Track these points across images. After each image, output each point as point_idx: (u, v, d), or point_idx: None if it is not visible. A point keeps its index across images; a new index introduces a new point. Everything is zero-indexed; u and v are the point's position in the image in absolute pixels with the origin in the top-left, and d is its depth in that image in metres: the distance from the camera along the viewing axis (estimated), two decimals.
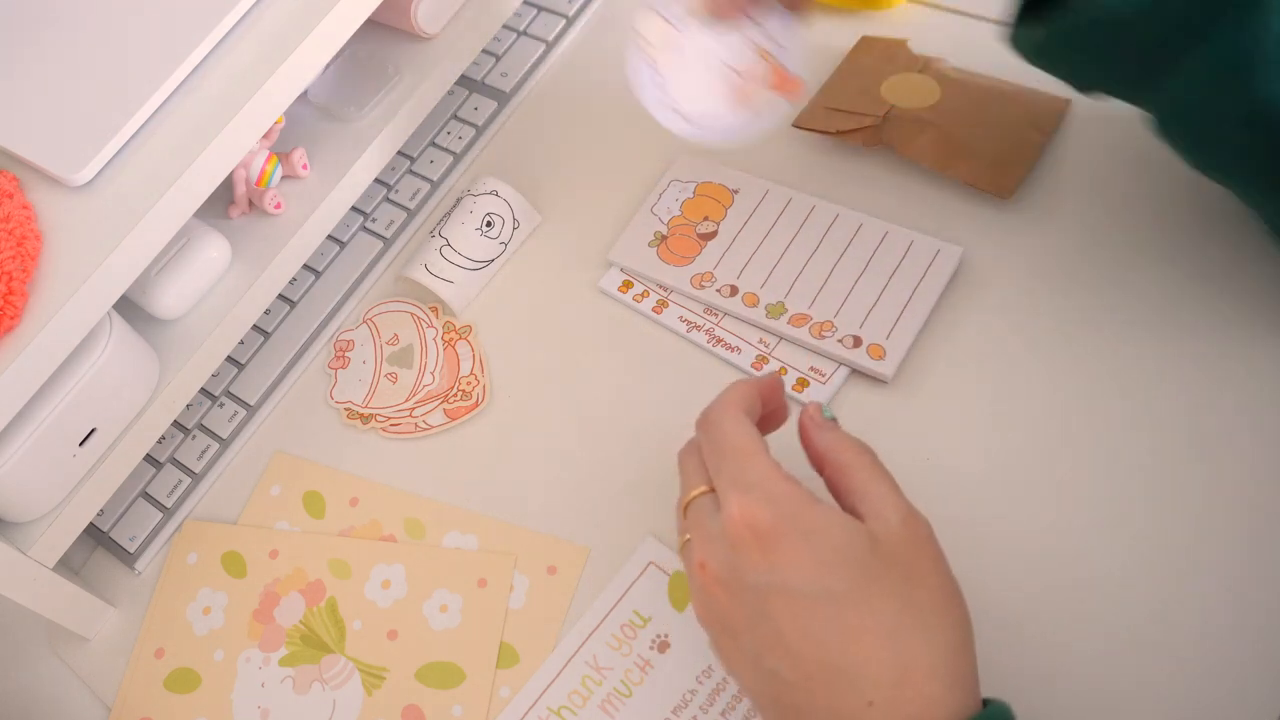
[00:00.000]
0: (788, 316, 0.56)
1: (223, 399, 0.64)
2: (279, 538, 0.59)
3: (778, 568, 0.39)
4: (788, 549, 0.39)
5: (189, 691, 0.56)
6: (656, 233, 0.62)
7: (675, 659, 0.49)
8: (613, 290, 0.61)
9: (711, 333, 0.58)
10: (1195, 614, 0.45)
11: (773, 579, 0.39)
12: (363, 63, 0.68)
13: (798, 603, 0.38)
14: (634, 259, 0.61)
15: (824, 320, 0.56)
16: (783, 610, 0.39)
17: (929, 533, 0.41)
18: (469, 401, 0.60)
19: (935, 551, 0.40)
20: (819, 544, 0.39)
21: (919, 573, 0.39)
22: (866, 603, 0.38)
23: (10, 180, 0.54)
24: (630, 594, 0.51)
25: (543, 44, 0.73)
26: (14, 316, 0.49)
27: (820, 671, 0.38)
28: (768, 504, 0.40)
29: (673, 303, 0.59)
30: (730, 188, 0.62)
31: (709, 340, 0.58)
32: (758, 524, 0.39)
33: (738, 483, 0.41)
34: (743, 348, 0.57)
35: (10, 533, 0.55)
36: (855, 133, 0.60)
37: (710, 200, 0.62)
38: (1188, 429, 0.49)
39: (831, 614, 0.38)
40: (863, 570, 0.38)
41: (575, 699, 0.50)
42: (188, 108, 0.54)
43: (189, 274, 0.60)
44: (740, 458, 0.42)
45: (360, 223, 0.69)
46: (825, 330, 0.55)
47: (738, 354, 0.57)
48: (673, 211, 0.62)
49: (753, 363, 0.56)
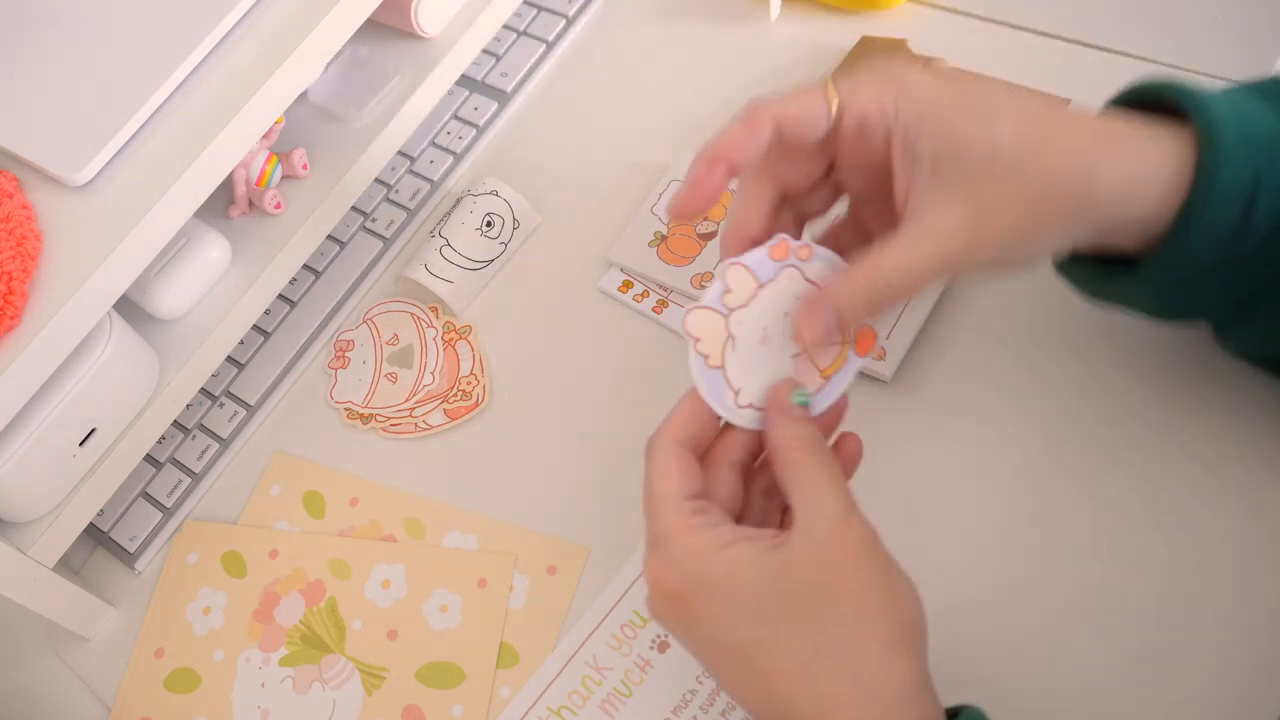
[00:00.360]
0: None
1: (223, 399, 0.64)
2: (279, 538, 0.59)
3: (691, 624, 0.39)
4: (695, 607, 0.39)
5: (189, 691, 0.56)
6: (656, 233, 0.62)
7: (675, 659, 0.49)
8: (613, 290, 0.61)
9: None
10: (1194, 614, 0.45)
11: (690, 635, 0.39)
12: (363, 63, 0.68)
13: (718, 653, 0.39)
14: (634, 259, 0.61)
15: None
16: (709, 660, 0.39)
17: (860, 538, 0.38)
18: (469, 401, 0.60)
19: (864, 560, 0.38)
20: (726, 596, 0.38)
21: (840, 588, 0.37)
22: (777, 644, 0.37)
23: (10, 180, 0.54)
24: (630, 594, 0.51)
25: (543, 44, 0.73)
26: (14, 316, 0.49)
27: (761, 709, 0.38)
28: (672, 563, 0.39)
29: (673, 303, 0.59)
30: (730, 188, 0.62)
31: None
32: (665, 584, 0.39)
33: (651, 539, 0.41)
34: None
35: (10, 533, 0.55)
36: None
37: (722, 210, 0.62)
38: (1192, 419, 0.49)
39: (745, 662, 0.38)
40: (773, 608, 0.37)
41: (575, 699, 0.50)
42: (188, 108, 0.54)
43: (189, 274, 0.60)
44: (652, 510, 0.41)
45: (360, 223, 0.69)
46: None
47: None
48: None
49: None
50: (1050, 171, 0.38)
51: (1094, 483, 0.49)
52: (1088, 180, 0.38)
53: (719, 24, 0.71)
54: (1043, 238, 0.40)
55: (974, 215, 0.38)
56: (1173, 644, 0.45)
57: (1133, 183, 0.38)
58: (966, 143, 0.38)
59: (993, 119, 0.38)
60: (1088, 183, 0.38)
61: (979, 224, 0.38)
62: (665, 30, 0.72)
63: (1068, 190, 0.38)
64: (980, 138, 0.38)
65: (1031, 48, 0.63)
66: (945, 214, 0.39)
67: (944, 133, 0.39)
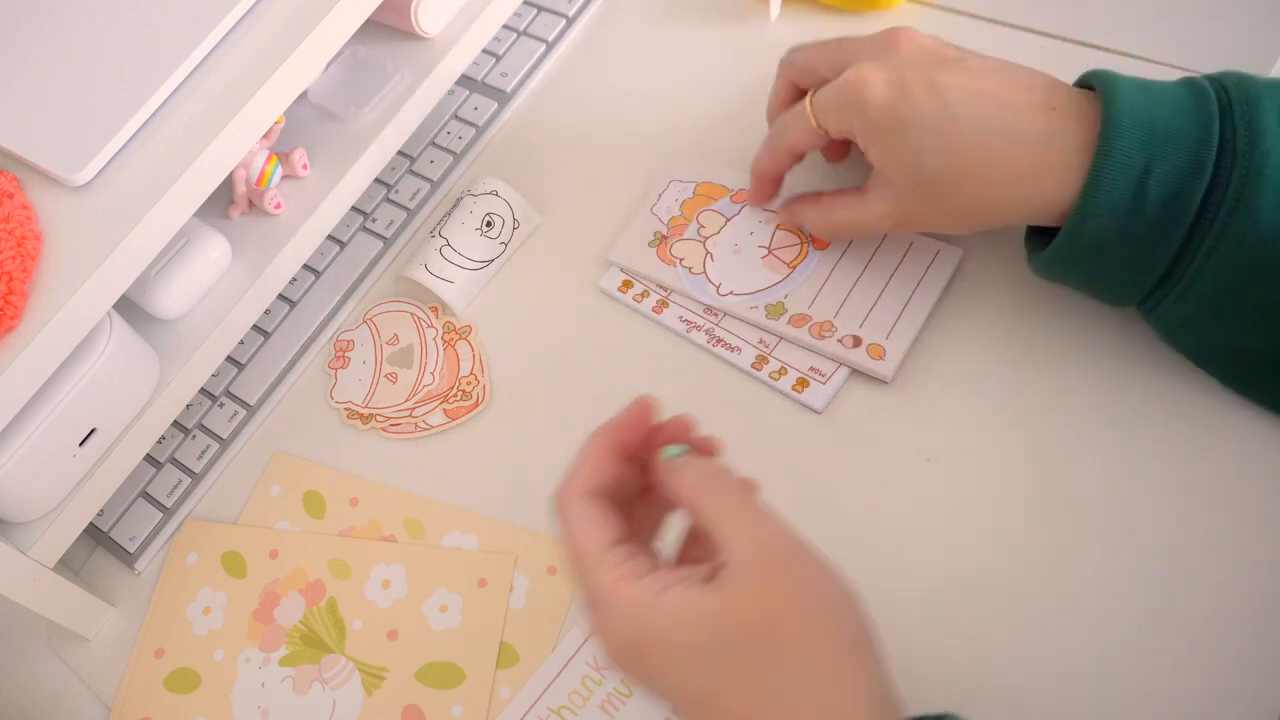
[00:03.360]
0: (787, 317, 0.56)
1: (223, 399, 0.64)
2: (279, 538, 0.59)
3: (647, 679, 0.39)
4: (645, 661, 0.39)
5: (189, 691, 0.56)
6: (656, 233, 0.62)
7: None
8: (613, 290, 0.61)
9: (711, 333, 0.58)
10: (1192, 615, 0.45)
11: (650, 687, 0.39)
12: (363, 63, 0.68)
13: (677, 705, 0.39)
14: (634, 259, 0.61)
15: (823, 320, 0.56)
16: (673, 709, 0.39)
17: (784, 556, 0.38)
18: (469, 401, 0.60)
19: (793, 578, 0.38)
20: (670, 648, 0.38)
21: (776, 619, 0.37)
22: (728, 693, 0.37)
23: (10, 180, 0.54)
24: None
25: (543, 44, 0.73)
26: (14, 316, 0.49)
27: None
28: (613, 620, 0.39)
29: (673, 302, 0.59)
30: (730, 188, 0.62)
31: (709, 340, 0.58)
32: (613, 641, 0.39)
33: (588, 599, 0.41)
34: (743, 348, 0.57)
35: (10, 533, 0.55)
36: None
37: (710, 200, 0.62)
38: (1192, 421, 0.49)
39: (702, 713, 0.38)
40: (717, 654, 0.37)
41: (575, 699, 0.50)
42: (188, 108, 0.54)
43: (189, 274, 0.60)
44: (579, 569, 0.41)
45: (360, 223, 0.69)
46: (825, 330, 0.55)
47: (738, 354, 0.57)
48: (673, 211, 0.62)
49: (752, 363, 0.56)
50: (960, 204, 0.49)
51: (1093, 483, 0.49)
52: (992, 209, 0.48)
53: (719, 24, 0.71)
54: (956, 231, 0.54)
55: (902, 212, 0.51)
56: (1172, 645, 0.45)
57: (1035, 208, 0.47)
58: (898, 167, 0.49)
59: (921, 148, 0.47)
60: (992, 210, 0.48)
61: (905, 217, 0.51)
62: (665, 30, 0.72)
63: (972, 215, 0.49)
64: (908, 166, 0.49)
65: (1031, 48, 0.63)
66: (883, 200, 0.51)
67: (884, 154, 0.49)
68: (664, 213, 0.62)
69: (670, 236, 0.61)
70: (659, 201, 0.63)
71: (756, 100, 0.60)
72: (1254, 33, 0.60)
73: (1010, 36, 0.64)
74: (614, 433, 0.43)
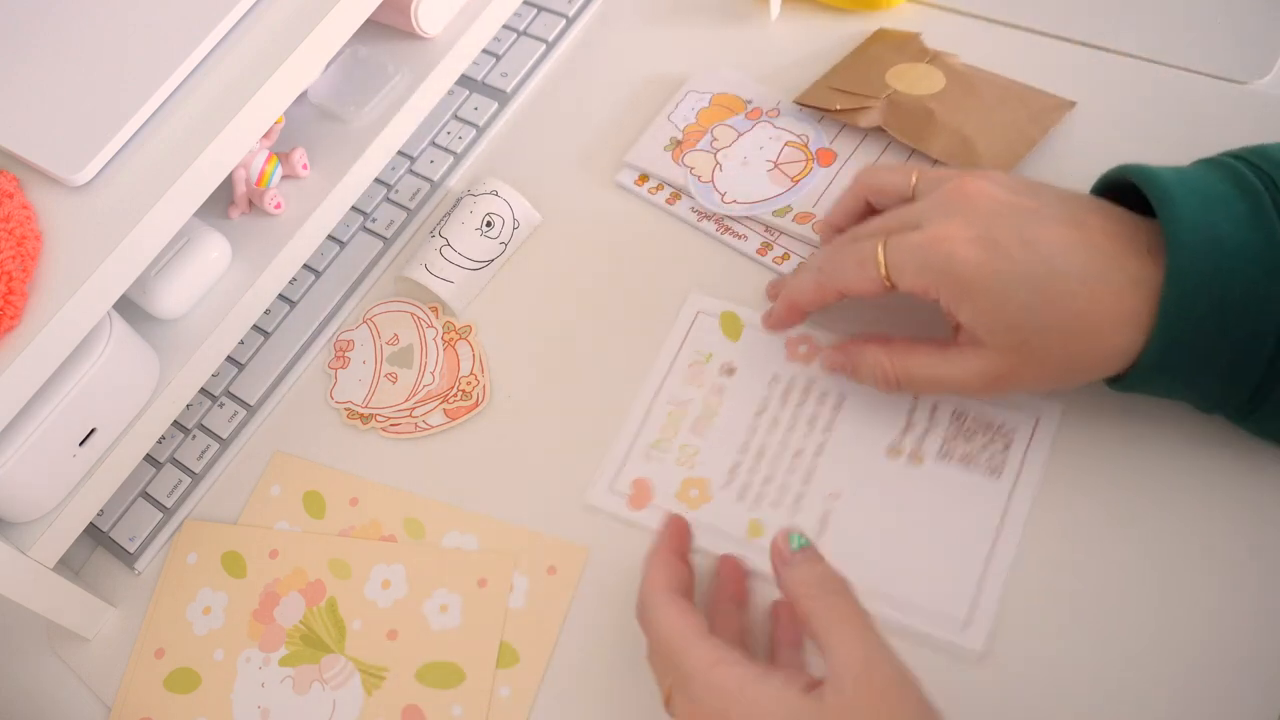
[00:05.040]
0: (792, 215, 0.60)
1: (223, 399, 0.64)
2: (279, 538, 0.59)
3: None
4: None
5: (189, 691, 0.56)
6: (672, 138, 0.65)
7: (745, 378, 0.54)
8: (629, 184, 0.65)
9: (720, 221, 0.62)
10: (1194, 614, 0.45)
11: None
12: (363, 63, 0.68)
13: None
14: (650, 161, 0.65)
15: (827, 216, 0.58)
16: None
17: (893, 678, 0.39)
18: (469, 401, 0.60)
19: (898, 701, 0.38)
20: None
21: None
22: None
23: (10, 180, 0.54)
24: (691, 333, 0.53)
25: (543, 44, 0.73)
26: (14, 316, 0.49)
27: None
28: (701, 702, 0.40)
29: (685, 195, 0.63)
30: (744, 98, 0.66)
31: (718, 229, 0.61)
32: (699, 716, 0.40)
33: (679, 684, 0.41)
34: (749, 235, 0.60)
35: (10, 533, 0.55)
36: (852, 111, 0.61)
37: (725, 110, 0.65)
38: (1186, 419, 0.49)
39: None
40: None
41: (667, 431, 0.50)
42: (188, 108, 0.54)
43: (189, 274, 0.60)
44: (674, 652, 0.42)
45: (360, 223, 0.69)
46: None
47: (744, 241, 0.60)
48: (689, 120, 0.66)
49: (758, 249, 0.60)
50: (1062, 359, 0.45)
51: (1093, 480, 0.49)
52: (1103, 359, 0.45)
53: (719, 24, 0.71)
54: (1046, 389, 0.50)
55: (996, 372, 0.46)
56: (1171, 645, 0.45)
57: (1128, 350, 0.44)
58: (996, 326, 0.45)
59: (1024, 305, 0.44)
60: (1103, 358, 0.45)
61: (998, 380, 0.46)
62: (665, 30, 0.72)
63: (1082, 369, 0.46)
64: (1010, 324, 0.45)
65: (1031, 48, 0.63)
66: (977, 359, 0.46)
67: (979, 314, 0.45)
68: (680, 120, 0.66)
69: (685, 144, 0.64)
70: (676, 110, 0.66)
71: None
72: (1254, 33, 0.60)
73: (1010, 36, 0.64)
74: (668, 543, 0.47)
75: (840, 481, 0.51)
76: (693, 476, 0.53)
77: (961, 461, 0.49)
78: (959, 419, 0.51)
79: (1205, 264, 0.41)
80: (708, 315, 0.58)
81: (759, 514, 0.51)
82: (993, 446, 0.50)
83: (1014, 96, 0.60)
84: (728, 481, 0.52)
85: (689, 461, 0.53)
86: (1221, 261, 0.41)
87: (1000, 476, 0.49)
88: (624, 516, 0.53)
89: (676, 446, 0.54)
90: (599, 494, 0.54)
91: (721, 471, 0.53)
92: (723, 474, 0.53)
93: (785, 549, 0.44)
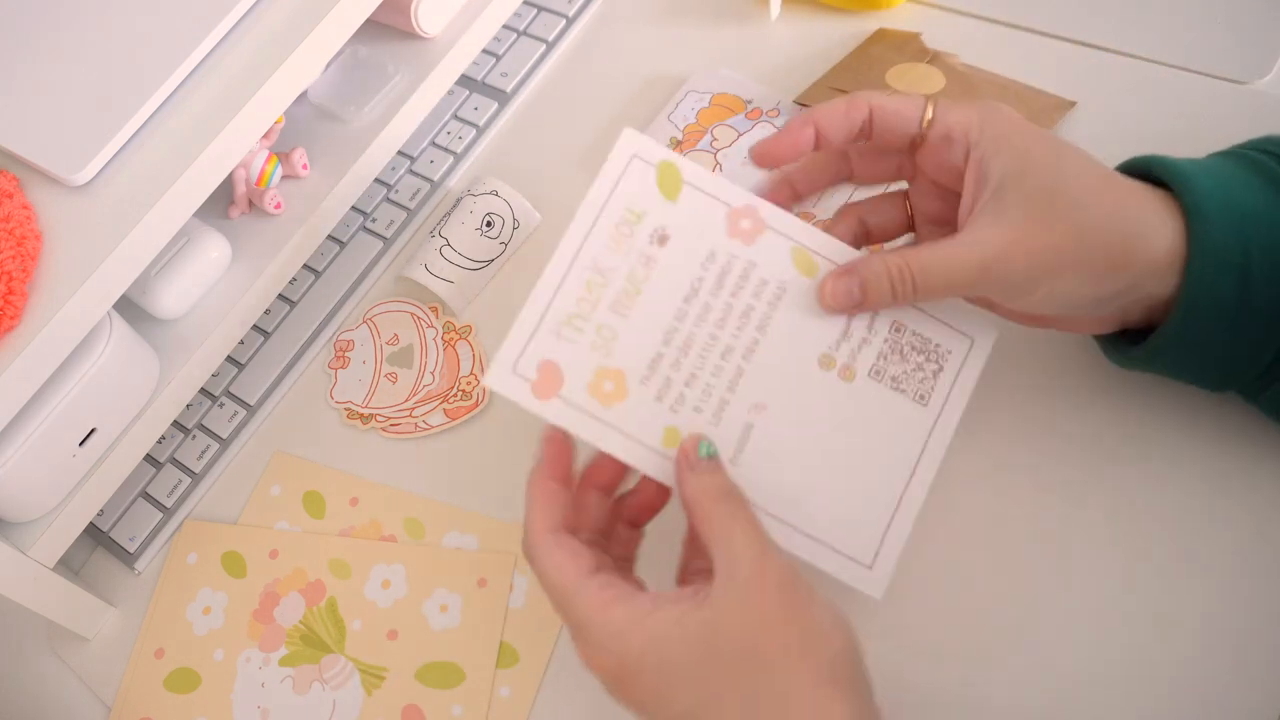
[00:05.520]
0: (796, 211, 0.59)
1: (223, 399, 0.64)
2: (279, 538, 0.59)
3: (635, 702, 0.39)
4: (636, 684, 0.39)
5: (189, 691, 0.56)
6: (672, 138, 0.65)
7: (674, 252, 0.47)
8: None
9: None
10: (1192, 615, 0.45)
11: (643, 712, 0.39)
12: (363, 63, 0.68)
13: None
14: None
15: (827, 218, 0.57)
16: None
17: (780, 573, 0.38)
18: (469, 401, 0.60)
19: (786, 595, 0.38)
20: (657, 668, 0.38)
21: (765, 637, 0.37)
22: (716, 711, 0.37)
23: (10, 180, 0.54)
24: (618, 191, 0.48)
25: (543, 44, 0.73)
26: (14, 316, 0.49)
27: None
28: (601, 646, 0.39)
29: None
30: (744, 98, 0.65)
31: None
32: (603, 668, 0.40)
33: (572, 630, 0.41)
34: None
35: (10, 533, 0.55)
36: None
37: (725, 110, 0.65)
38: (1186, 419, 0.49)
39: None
40: (705, 671, 0.37)
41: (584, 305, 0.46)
42: (188, 108, 0.54)
43: (189, 274, 0.60)
44: (562, 602, 0.41)
45: (360, 223, 0.69)
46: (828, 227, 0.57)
47: None
48: (689, 120, 0.65)
49: None
50: (1107, 217, 0.41)
51: (1092, 482, 0.49)
52: (1137, 233, 0.41)
53: (719, 24, 0.71)
54: (1069, 275, 0.42)
55: (1020, 235, 0.41)
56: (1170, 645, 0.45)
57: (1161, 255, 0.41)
58: (1035, 167, 0.41)
59: (1061, 154, 0.42)
60: (1138, 234, 0.41)
61: (1021, 243, 0.41)
62: (665, 30, 0.72)
63: (1116, 238, 0.41)
64: (1048, 167, 0.42)
65: (1031, 48, 0.63)
66: (993, 229, 0.42)
67: (1017, 154, 0.42)
68: (680, 120, 0.66)
69: (685, 144, 0.64)
70: (676, 110, 0.66)
71: None
72: (1254, 33, 0.60)
73: (1010, 36, 0.64)
74: (545, 469, 0.45)
75: (767, 392, 0.46)
76: (608, 366, 0.45)
77: (892, 384, 0.47)
78: (898, 330, 0.47)
79: (1227, 233, 0.41)
80: (643, 162, 0.47)
81: (677, 420, 0.45)
82: (924, 370, 0.47)
83: (1014, 96, 0.60)
84: (647, 376, 0.45)
85: (605, 347, 0.45)
86: (1244, 228, 0.41)
87: (927, 404, 0.47)
88: (526, 405, 0.45)
89: (593, 326, 0.45)
90: (500, 375, 0.45)
91: (641, 363, 0.46)
92: (642, 366, 0.45)
93: (693, 454, 0.42)
